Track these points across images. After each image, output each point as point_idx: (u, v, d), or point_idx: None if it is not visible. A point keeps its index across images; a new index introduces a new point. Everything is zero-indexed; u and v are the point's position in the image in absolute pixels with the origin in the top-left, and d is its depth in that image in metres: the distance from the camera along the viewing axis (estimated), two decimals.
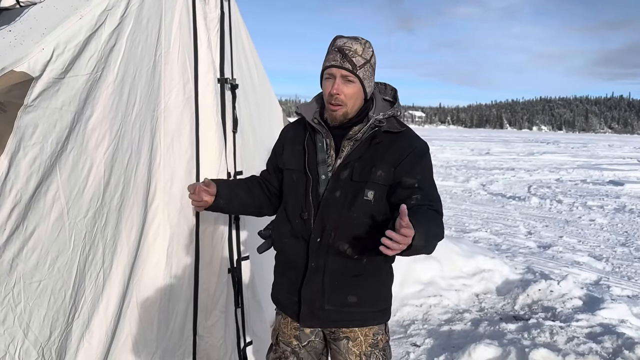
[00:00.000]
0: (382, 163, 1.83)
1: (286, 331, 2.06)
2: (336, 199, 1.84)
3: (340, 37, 1.86)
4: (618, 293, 5.23)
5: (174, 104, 2.39)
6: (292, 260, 1.95)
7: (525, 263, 6.09)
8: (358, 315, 1.94)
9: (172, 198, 2.38)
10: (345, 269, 1.87)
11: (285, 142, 2.07)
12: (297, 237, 1.92)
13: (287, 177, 2.01)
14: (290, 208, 1.96)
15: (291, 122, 2.18)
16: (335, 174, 1.85)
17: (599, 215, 9.79)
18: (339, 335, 1.97)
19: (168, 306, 2.47)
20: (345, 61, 1.80)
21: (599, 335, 3.79)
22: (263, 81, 3.38)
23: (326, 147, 1.89)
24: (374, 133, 1.85)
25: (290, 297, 1.98)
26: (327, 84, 1.85)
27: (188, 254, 2.50)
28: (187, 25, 2.47)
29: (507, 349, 3.51)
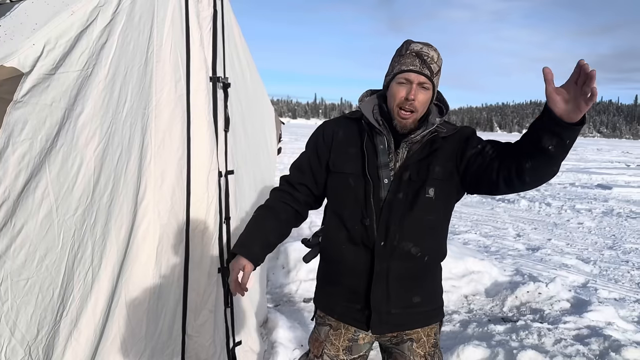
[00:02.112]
0: (438, 160, 1.83)
1: (336, 343, 1.97)
2: (399, 200, 1.81)
3: (414, 42, 1.80)
4: (605, 296, 5.27)
5: (166, 102, 2.38)
6: (351, 267, 1.87)
7: (514, 265, 6.12)
8: (422, 315, 1.93)
9: (162, 196, 2.37)
10: (408, 271, 1.85)
11: (333, 142, 1.93)
12: (357, 244, 1.85)
13: (340, 181, 1.89)
14: (347, 214, 1.86)
15: (331, 120, 2.03)
16: (397, 175, 1.81)
17: (587, 219, 9.86)
18: (402, 338, 1.94)
19: (157, 305, 2.45)
20: (424, 67, 1.75)
21: (586, 337, 3.81)
22: (255, 80, 3.38)
23: (388, 151, 1.83)
24: (433, 138, 1.84)
25: (351, 305, 1.90)
26: (400, 89, 1.77)
27: (178, 253, 2.48)
28: (179, 23, 2.46)
29: (495, 350, 3.52)
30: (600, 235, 8.46)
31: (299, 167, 2.01)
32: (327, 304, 2.01)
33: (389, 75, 1.83)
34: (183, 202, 2.44)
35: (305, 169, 1.98)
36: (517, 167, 1.64)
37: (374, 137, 1.85)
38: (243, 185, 3.17)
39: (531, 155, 1.60)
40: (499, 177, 1.70)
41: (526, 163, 1.61)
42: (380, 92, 1.94)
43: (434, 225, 1.87)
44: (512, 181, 1.68)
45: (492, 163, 1.72)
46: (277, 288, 4.97)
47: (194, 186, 2.47)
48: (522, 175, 1.64)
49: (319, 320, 2.06)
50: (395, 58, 1.82)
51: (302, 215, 2.03)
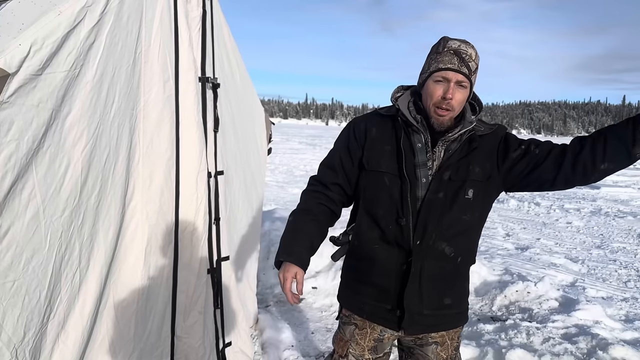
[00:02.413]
0: (478, 160, 1.82)
1: (362, 343, 1.95)
2: (439, 200, 1.78)
3: (451, 39, 1.76)
4: (593, 294, 5.32)
5: (154, 103, 2.36)
6: (383, 267, 1.85)
7: (503, 264, 6.16)
8: (451, 317, 1.93)
9: (150, 197, 2.36)
10: (441, 271, 1.84)
11: (367, 140, 1.88)
12: (390, 243, 1.83)
13: (376, 179, 1.85)
14: (381, 213, 1.83)
15: (361, 117, 1.98)
16: (437, 175, 1.78)
17: (575, 218, 9.95)
18: (427, 340, 1.93)
19: (146, 307, 2.44)
20: (462, 65, 1.72)
21: (574, 336, 3.85)
22: (245, 80, 3.37)
23: (426, 149, 1.80)
24: (471, 136, 1.82)
25: (380, 304, 1.88)
26: (437, 87, 1.74)
27: (166, 254, 2.47)
28: (168, 23, 2.45)
29: (484, 349, 3.54)
30: (588, 234, 8.54)
31: (330, 166, 1.96)
32: (354, 303, 1.98)
33: (425, 72, 1.79)
34: (172, 203, 2.43)
35: (337, 168, 1.94)
36: (590, 168, 1.72)
37: (411, 135, 1.81)
38: (233, 185, 3.16)
39: (615, 160, 1.70)
40: (557, 178, 1.76)
41: (602, 164, 1.70)
42: (413, 88, 1.90)
43: (469, 227, 1.86)
44: (575, 181, 1.77)
45: (546, 162, 1.77)
46: (268, 289, 4.97)
47: (183, 187, 2.46)
48: (593, 175, 1.74)
49: (344, 320, 2.03)
50: (432, 56, 1.77)
51: (337, 215, 1.99)
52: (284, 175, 16.03)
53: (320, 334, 4.07)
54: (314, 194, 1.96)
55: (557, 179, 1.77)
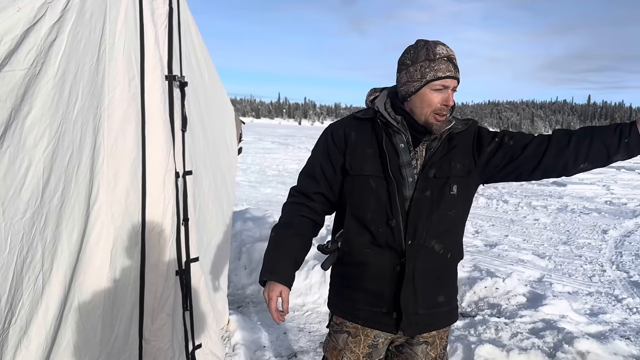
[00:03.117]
0: (457, 156, 1.85)
1: (357, 350, 1.93)
2: (427, 198, 1.80)
3: (437, 44, 1.75)
4: (559, 290, 5.44)
5: (119, 101, 2.32)
6: (376, 271, 1.84)
7: (473, 261, 6.25)
8: (444, 315, 1.94)
9: (115, 199, 2.31)
10: (433, 269, 1.85)
11: (348, 145, 1.86)
12: (381, 246, 1.82)
13: (361, 183, 1.83)
14: (370, 217, 1.82)
15: (337, 122, 1.97)
16: (423, 174, 1.80)
17: (542, 215, 10.17)
18: (419, 340, 1.93)
19: (112, 310, 2.40)
20: (457, 72, 1.76)
21: (541, 330, 3.93)
22: (214, 79, 3.34)
23: (409, 149, 1.81)
24: (450, 134, 1.85)
25: (376, 309, 1.87)
26: (437, 95, 1.75)
27: (133, 256, 2.43)
28: (133, 21, 2.40)
29: (454, 345, 3.59)
30: (555, 231, 8.74)
31: (311, 175, 1.93)
32: (347, 310, 1.94)
33: (419, 81, 1.75)
34: (138, 204, 2.39)
35: (318, 176, 1.91)
36: (571, 165, 1.80)
37: (392, 136, 1.82)
38: (202, 185, 3.13)
39: (595, 161, 1.78)
40: (537, 168, 1.82)
41: (582, 164, 1.79)
42: (389, 89, 1.90)
43: (455, 222, 1.89)
44: (553, 173, 1.84)
45: (525, 153, 1.82)
46: (240, 290, 4.93)
47: (150, 187, 2.42)
48: (571, 171, 1.82)
49: (335, 328, 2.00)
50: (424, 64, 1.74)
51: (320, 225, 1.98)
52: (256, 175, 15.95)
53: (292, 334, 4.06)
54: (295, 206, 1.94)
55: (537, 170, 1.83)
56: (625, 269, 6.35)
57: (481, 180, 1.92)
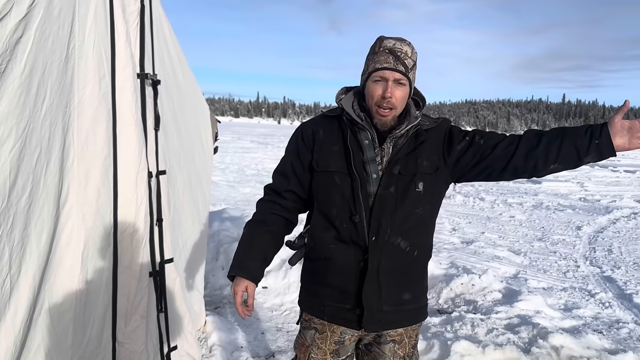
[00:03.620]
0: (425, 154, 1.84)
1: (323, 347, 1.95)
2: (391, 194, 1.80)
3: (386, 38, 1.79)
4: (534, 285, 5.52)
5: (89, 100, 2.27)
6: (340, 266, 1.85)
7: (449, 258, 6.31)
8: (411, 313, 1.93)
9: (86, 199, 2.26)
10: (399, 266, 1.85)
11: (315, 142, 1.89)
12: (345, 242, 1.83)
13: (326, 180, 1.86)
14: (334, 213, 1.84)
15: (308, 121, 1.99)
16: (387, 170, 1.80)
17: (518, 212, 10.32)
18: (386, 338, 1.93)
19: (84, 312, 2.35)
20: (398, 64, 1.74)
21: (517, 326, 3.98)
22: (188, 78, 3.30)
23: (373, 145, 1.82)
24: (418, 131, 1.85)
25: (340, 305, 1.88)
26: (376, 87, 1.77)
27: (105, 258, 2.39)
28: (103, 18, 2.36)
29: (430, 342, 3.61)
30: (530, 227, 8.87)
31: (282, 173, 1.97)
32: (314, 306, 1.97)
33: (364, 74, 1.81)
34: (110, 204, 2.35)
35: (289, 174, 1.94)
36: (541, 165, 1.79)
37: (357, 133, 1.83)
38: (177, 185, 3.09)
39: (565, 162, 1.77)
40: (507, 168, 1.82)
41: (552, 165, 1.78)
42: (357, 88, 1.92)
43: (422, 220, 1.88)
44: (523, 174, 1.84)
45: (495, 152, 1.82)
46: (217, 290, 4.89)
47: (122, 187, 2.37)
48: (541, 172, 1.81)
49: (304, 324, 2.02)
50: (369, 56, 1.80)
51: (293, 223, 2.00)
52: (234, 174, 15.86)
53: (270, 333, 4.04)
54: (268, 203, 1.97)
55: (507, 169, 1.83)
56: (599, 264, 6.48)
57: (452, 178, 1.92)
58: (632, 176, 19.72)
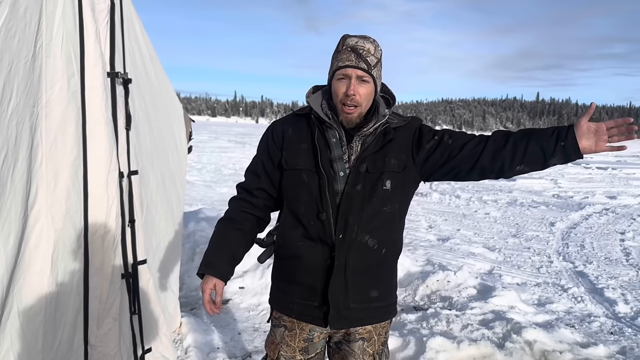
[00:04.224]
0: (393, 152, 1.85)
1: (292, 344, 1.94)
2: (358, 192, 1.81)
3: (350, 36, 1.80)
4: (509, 281, 5.60)
5: (57, 99, 2.24)
6: (308, 264, 1.85)
7: (426, 255, 6.37)
8: (378, 310, 1.94)
9: (56, 200, 2.22)
10: (366, 264, 1.85)
11: (284, 141, 1.90)
12: (313, 239, 1.83)
13: (294, 177, 1.87)
14: (302, 210, 1.85)
15: (279, 119, 2.00)
16: (355, 168, 1.81)
17: (493, 209, 10.47)
18: (355, 336, 1.94)
19: (55, 315, 2.31)
20: (360, 61, 1.75)
21: (491, 321, 4.04)
22: (160, 76, 3.26)
23: (341, 143, 1.83)
24: (386, 129, 1.86)
25: (308, 302, 1.88)
26: (340, 85, 1.78)
27: (76, 260, 2.35)
28: (72, 16, 2.32)
29: (406, 338, 3.64)
30: (505, 224, 9.00)
31: (253, 172, 1.98)
32: (283, 304, 1.97)
33: (330, 72, 1.83)
34: (80, 206, 2.31)
35: (260, 172, 1.96)
36: (507, 166, 1.80)
37: (325, 131, 1.83)
38: (149, 185, 3.05)
39: (532, 164, 1.78)
40: (474, 168, 1.83)
41: (519, 166, 1.79)
42: (325, 87, 1.93)
43: (390, 218, 1.88)
44: (490, 174, 1.85)
45: (463, 153, 1.83)
46: (193, 291, 4.85)
47: (92, 188, 2.34)
48: (508, 173, 1.82)
49: (274, 322, 2.03)
50: (334, 55, 1.82)
51: (264, 221, 2.01)
52: (211, 174, 15.74)
53: (247, 334, 4.02)
54: (239, 202, 1.99)
55: (474, 170, 1.84)
56: (571, 260, 6.61)
57: (421, 177, 1.94)
58: (604, 173, 20.18)
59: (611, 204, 11.49)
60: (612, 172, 20.37)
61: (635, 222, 9.36)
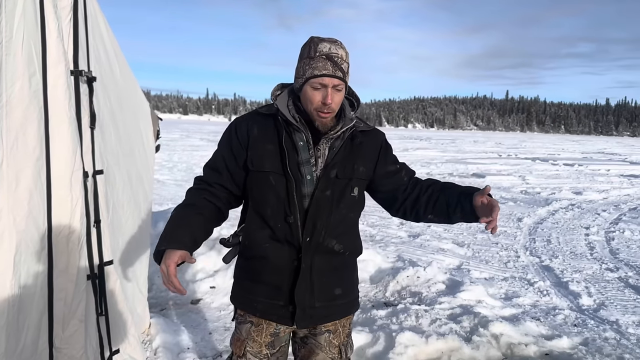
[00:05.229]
0: (361, 160, 1.89)
1: (259, 339, 1.95)
2: (327, 197, 1.82)
3: (321, 41, 1.76)
4: (477, 276, 5.71)
5: (18, 98, 2.19)
6: (275, 265, 1.86)
7: (397, 252, 6.44)
8: (342, 307, 1.99)
9: (17, 201, 2.18)
10: (331, 265, 1.90)
11: (250, 140, 1.85)
12: (280, 241, 1.84)
13: (261, 179, 1.84)
14: (269, 212, 1.83)
15: (242, 117, 1.95)
16: (325, 173, 1.82)
17: None
18: (321, 329, 1.97)
19: (18, 318, 2.27)
20: (337, 70, 1.74)
21: (459, 315, 4.11)
22: (126, 74, 3.22)
23: (308, 147, 1.82)
24: (353, 133, 1.88)
25: (274, 302, 1.89)
26: (316, 93, 1.76)
27: (39, 261, 2.31)
28: (33, 13, 2.27)
29: (376, 334, 3.68)
30: None
31: (214, 168, 1.93)
32: (247, 303, 1.97)
33: (301, 77, 1.78)
34: (43, 206, 2.27)
35: (221, 169, 1.91)
36: (421, 213, 1.95)
37: (292, 134, 1.82)
38: (116, 185, 3.01)
39: (439, 216, 1.93)
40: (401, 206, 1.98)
41: (429, 215, 1.94)
42: (291, 87, 1.90)
43: (354, 223, 1.96)
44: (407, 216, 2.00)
45: (404, 191, 1.98)
46: (163, 292, 4.80)
47: (56, 188, 2.30)
48: (419, 220, 1.98)
49: (239, 320, 2.02)
50: (305, 61, 1.76)
51: (223, 214, 1.95)
52: (182, 173, 15.58)
53: (218, 333, 4.00)
54: (198, 191, 1.93)
55: (399, 209, 2.00)
56: (538, 254, 6.77)
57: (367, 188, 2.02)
58: (571, 169, 20.71)
59: (577, 200, 11.80)
60: (578, 169, 20.93)
61: (600, 217, 9.64)
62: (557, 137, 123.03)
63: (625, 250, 7.12)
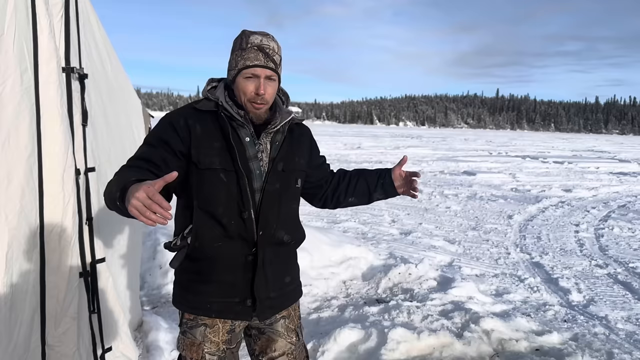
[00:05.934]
0: (300, 152, 1.98)
1: (215, 339, 1.92)
2: (277, 190, 1.87)
3: (252, 34, 1.79)
4: (468, 273, 5.75)
5: (10, 95, 2.18)
6: (228, 263, 1.85)
7: (388, 249, 6.47)
8: (292, 293, 2.07)
9: (9, 198, 2.17)
10: (281, 256, 1.96)
11: (192, 137, 1.78)
12: (233, 238, 1.83)
13: (211, 177, 1.79)
14: (221, 210, 1.80)
15: (176, 112, 1.86)
16: (273, 167, 1.85)
17: (453, 203, 10.69)
18: (276, 317, 2.01)
19: (10, 316, 2.26)
20: (269, 61, 1.78)
21: (450, 312, 4.14)
22: (117, 71, 3.21)
23: (254, 142, 1.83)
24: (291, 126, 1.94)
25: (229, 300, 1.88)
26: (249, 84, 1.78)
27: (32, 259, 2.30)
28: (24, 10, 2.27)
29: (369, 331, 3.70)
30: (465, 217, 9.21)
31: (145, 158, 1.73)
32: (198, 305, 1.91)
33: (234, 69, 1.81)
34: (35, 204, 2.26)
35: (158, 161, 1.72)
36: (342, 199, 2.16)
37: (237, 129, 1.82)
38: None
39: (360, 197, 2.16)
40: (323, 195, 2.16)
41: (350, 198, 2.16)
42: (225, 81, 1.90)
43: (297, 213, 2.04)
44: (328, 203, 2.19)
45: (326, 182, 2.16)
46: (155, 290, 4.79)
47: (48, 186, 2.29)
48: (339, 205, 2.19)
49: (189, 324, 1.94)
50: (237, 52, 1.80)
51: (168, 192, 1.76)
52: None
53: None
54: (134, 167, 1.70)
55: (321, 199, 2.17)
56: (528, 251, 6.82)
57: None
58: (561, 167, 20.87)
59: (567, 197, 11.90)
60: (568, 166, 21.09)
61: (589, 214, 9.73)
62: (547, 135, 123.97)
63: (614, 246, 7.19)
